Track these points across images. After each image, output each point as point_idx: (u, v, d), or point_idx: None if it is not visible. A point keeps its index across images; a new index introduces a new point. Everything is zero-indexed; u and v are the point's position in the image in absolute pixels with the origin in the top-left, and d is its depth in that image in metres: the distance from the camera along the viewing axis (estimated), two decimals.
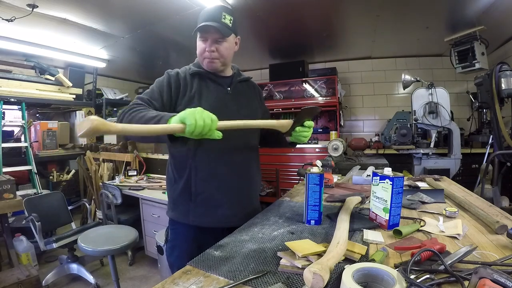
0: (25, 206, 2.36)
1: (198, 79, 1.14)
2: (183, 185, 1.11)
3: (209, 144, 1.06)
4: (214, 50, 1.09)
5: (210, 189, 1.10)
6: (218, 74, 1.18)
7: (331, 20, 3.11)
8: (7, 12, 2.53)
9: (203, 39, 1.10)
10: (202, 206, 1.10)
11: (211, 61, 1.11)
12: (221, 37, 1.08)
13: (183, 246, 1.13)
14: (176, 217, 1.16)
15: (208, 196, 1.10)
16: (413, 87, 3.26)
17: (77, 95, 4.23)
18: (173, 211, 1.17)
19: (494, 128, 2.62)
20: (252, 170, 1.21)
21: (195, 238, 1.11)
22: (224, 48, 1.10)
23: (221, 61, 1.12)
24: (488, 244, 0.79)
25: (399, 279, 0.54)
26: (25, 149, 3.55)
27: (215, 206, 1.11)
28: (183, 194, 1.12)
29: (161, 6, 2.59)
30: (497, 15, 2.72)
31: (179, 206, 1.14)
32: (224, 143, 1.07)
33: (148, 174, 3.45)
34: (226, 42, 1.10)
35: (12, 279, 1.94)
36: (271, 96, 4.40)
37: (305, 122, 1.07)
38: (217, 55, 1.10)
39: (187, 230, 1.13)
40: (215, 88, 1.15)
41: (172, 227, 1.19)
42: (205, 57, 1.11)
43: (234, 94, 1.18)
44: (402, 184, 0.92)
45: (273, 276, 0.65)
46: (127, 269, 2.73)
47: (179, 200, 1.14)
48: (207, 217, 1.11)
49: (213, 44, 1.08)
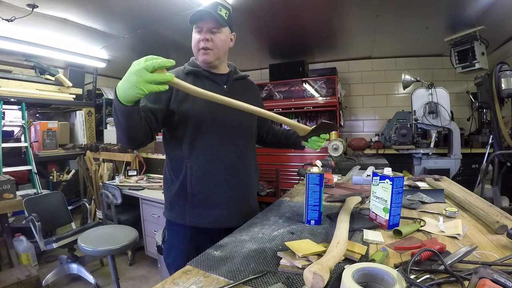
0: (25, 206, 2.36)
1: (193, 77, 1.12)
2: (179, 185, 1.10)
3: (204, 143, 1.07)
4: (208, 39, 1.06)
5: (206, 190, 1.09)
6: (213, 71, 1.16)
7: (331, 20, 3.11)
8: (7, 12, 2.53)
9: (198, 30, 1.08)
10: (199, 206, 1.09)
11: (205, 52, 1.08)
12: (216, 26, 1.06)
13: (180, 247, 1.12)
14: (172, 218, 1.15)
15: (204, 196, 1.09)
16: (413, 87, 3.26)
17: (77, 95, 4.23)
18: (170, 212, 1.16)
19: (494, 128, 2.62)
20: (249, 170, 1.19)
21: (192, 239, 1.10)
22: (219, 40, 1.08)
23: (215, 52, 1.09)
24: (488, 244, 0.79)
25: (399, 279, 0.54)
26: (25, 149, 3.55)
27: (212, 206, 1.10)
28: (179, 195, 1.11)
29: (161, 6, 2.59)
30: (497, 15, 2.72)
31: (176, 207, 1.13)
32: (219, 142, 1.09)
33: (148, 174, 3.45)
34: (221, 33, 1.08)
35: (12, 279, 1.94)
36: (271, 96, 4.40)
37: (321, 134, 1.14)
38: (212, 45, 1.07)
39: (183, 230, 1.12)
40: (210, 86, 1.11)
41: (169, 228, 1.18)
42: (199, 47, 1.08)
43: (231, 92, 1.14)
44: (402, 184, 0.92)
45: (273, 276, 0.65)
46: (127, 269, 2.73)
47: (175, 200, 1.13)
48: (203, 218, 1.10)
49: (208, 33, 1.06)
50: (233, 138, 1.13)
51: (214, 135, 1.09)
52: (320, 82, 4.16)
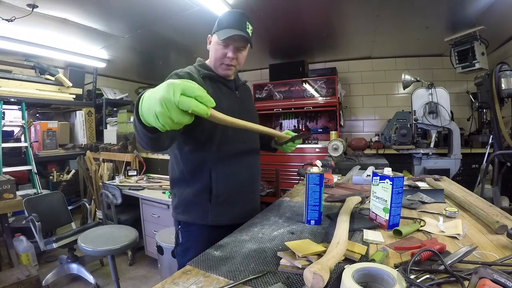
0: (25, 206, 2.35)
1: (209, 81, 1.13)
2: (201, 187, 1.11)
3: (228, 147, 1.14)
4: (235, 57, 1.10)
5: (229, 190, 1.14)
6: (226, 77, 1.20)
7: (331, 20, 3.11)
8: (7, 12, 2.53)
9: (224, 45, 1.09)
10: (221, 206, 1.12)
11: (228, 68, 1.12)
12: (244, 46, 1.11)
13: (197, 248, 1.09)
14: (191, 220, 1.14)
15: (227, 196, 1.13)
16: (413, 87, 3.26)
17: (77, 95, 4.23)
18: (186, 214, 1.15)
19: (494, 128, 2.62)
20: (259, 168, 1.31)
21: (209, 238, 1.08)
22: (242, 57, 1.14)
23: (236, 68, 1.16)
24: (488, 244, 0.79)
25: (399, 279, 0.54)
26: (25, 149, 3.55)
27: (232, 205, 1.15)
28: (201, 195, 1.11)
29: (161, 6, 2.59)
30: (497, 15, 2.72)
31: (196, 208, 1.13)
32: (241, 146, 1.19)
33: (148, 174, 3.45)
34: (245, 50, 1.14)
35: (12, 279, 1.94)
36: (271, 96, 4.41)
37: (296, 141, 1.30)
38: (236, 62, 1.13)
39: (202, 231, 1.12)
40: (227, 92, 1.18)
41: (183, 230, 1.17)
42: (224, 62, 1.11)
43: (241, 97, 1.24)
44: (402, 184, 0.92)
45: (273, 276, 0.65)
46: (127, 269, 2.73)
47: (195, 201, 1.12)
48: (226, 216, 1.14)
49: (236, 52, 1.10)
50: (249, 143, 1.22)
51: (236, 140, 1.15)
52: (320, 82, 4.16)
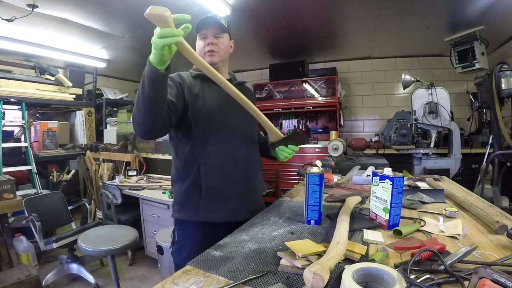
0: (25, 206, 2.35)
1: (200, 80, 1.18)
2: (191, 182, 1.12)
3: (216, 139, 1.13)
4: (214, 42, 1.15)
5: (220, 184, 1.13)
6: None
7: (331, 20, 3.11)
8: (7, 12, 2.53)
9: (202, 37, 1.17)
10: (213, 201, 1.12)
11: (211, 54, 1.15)
12: (219, 32, 1.17)
13: (191, 246, 1.12)
14: (185, 217, 1.16)
15: (218, 191, 1.12)
16: (413, 87, 3.26)
17: (77, 95, 4.23)
18: (181, 211, 1.16)
19: (494, 128, 2.62)
20: (257, 164, 1.26)
21: (204, 236, 1.10)
22: (222, 43, 1.18)
23: (220, 54, 1.17)
24: (488, 244, 0.79)
25: (399, 279, 0.54)
26: (25, 149, 3.55)
27: (225, 200, 1.13)
28: (192, 191, 1.12)
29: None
30: (497, 15, 2.72)
31: (188, 204, 1.14)
32: (229, 139, 1.16)
33: (148, 174, 3.45)
34: (224, 38, 1.19)
35: (12, 279, 1.94)
36: (271, 96, 4.41)
37: (290, 144, 1.14)
38: (217, 48, 1.16)
39: (196, 228, 1.13)
40: (216, 89, 1.14)
41: (179, 228, 1.19)
42: (205, 51, 1.16)
43: None
44: (402, 184, 0.92)
45: (273, 276, 0.65)
46: (127, 269, 2.73)
47: (187, 198, 1.14)
48: (217, 212, 1.12)
49: (213, 37, 1.16)
50: (241, 136, 1.20)
51: (224, 132, 1.15)
52: (320, 82, 4.16)
